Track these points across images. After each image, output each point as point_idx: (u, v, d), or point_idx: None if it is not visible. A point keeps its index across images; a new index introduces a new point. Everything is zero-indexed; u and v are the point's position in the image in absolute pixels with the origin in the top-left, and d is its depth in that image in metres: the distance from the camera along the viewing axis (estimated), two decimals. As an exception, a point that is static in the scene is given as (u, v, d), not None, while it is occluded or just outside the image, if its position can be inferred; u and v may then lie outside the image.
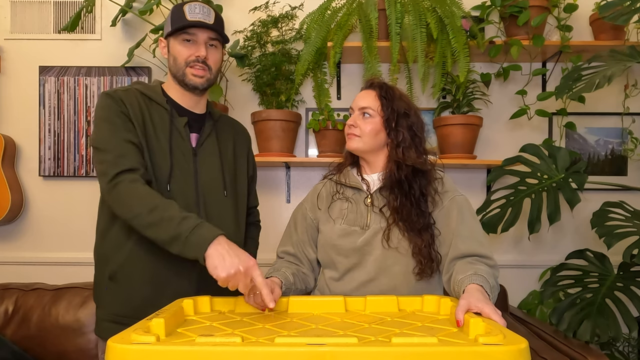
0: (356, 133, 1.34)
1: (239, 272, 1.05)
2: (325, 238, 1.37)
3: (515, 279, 2.32)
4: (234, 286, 1.07)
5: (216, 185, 1.39)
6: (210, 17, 1.32)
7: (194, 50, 1.32)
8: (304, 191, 2.32)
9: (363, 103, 1.35)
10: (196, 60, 1.32)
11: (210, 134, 1.42)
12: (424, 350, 0.74)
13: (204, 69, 1.33)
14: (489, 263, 1.20)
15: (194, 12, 1.30)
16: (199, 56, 1.31)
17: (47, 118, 2.36)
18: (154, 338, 0.80)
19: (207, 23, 1.31)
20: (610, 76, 1.62)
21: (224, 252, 1.08)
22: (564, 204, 1.83)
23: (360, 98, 1.37)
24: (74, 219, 2.38)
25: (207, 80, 1.35)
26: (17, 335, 1.91)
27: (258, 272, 1.07)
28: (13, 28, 2.40)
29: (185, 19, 1.30)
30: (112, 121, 1.26)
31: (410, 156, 1.31)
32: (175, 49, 1.33)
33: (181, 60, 1.33)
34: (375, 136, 1.33)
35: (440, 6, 2.04)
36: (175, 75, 1.35)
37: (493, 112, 2.38)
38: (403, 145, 1.32)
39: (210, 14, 1.33)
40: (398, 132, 1.33)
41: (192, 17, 1.30)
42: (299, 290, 1.36)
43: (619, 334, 1.61)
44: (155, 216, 1.15)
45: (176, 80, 1.36)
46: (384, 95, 1.34)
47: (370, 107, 1.33)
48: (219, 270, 1.05)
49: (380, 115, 1.33)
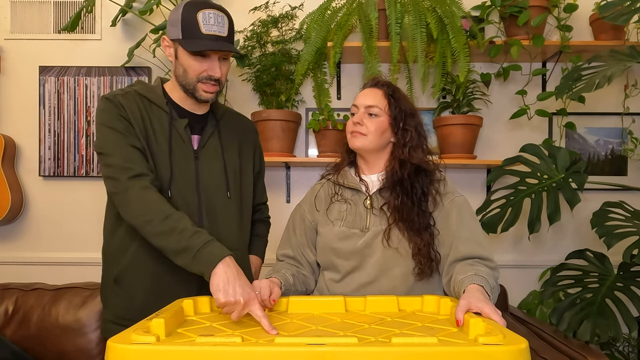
0: (362, 131, 1.31)
1: (238, 303, 1.03)
2: (324, 240, 1.37)
3: (515, 279, 2.32)
4: (228, 312, 1.06)
5: (219, 187, 1.36)
6: (224, 28, 1.24)
7: (207, 66, 1.25)
8: (303, 191, 2.31)
9: (370, 101, 1.32)
10: (209, 77, 1.27)
11: (213, 134, 1.38)
12: (424, 350, 0.74)
13: (215, 85, 1.29)
14: (489, 265, 1.20)
15: (208, 24, 1.22)
16: (212, 75, 1.26)
17: (47, 118, 2.36)
18: (154, 338, 0.80)
19: (222, 37, 1.23)
20: (610, 76, 1.62)
21: (231, 276, 1.06)
22: (564, 204, 1.83)
23: (366, 96, 1.34)
24: (74, 219, 2.38)
25: (217, 94, 1.32)
26: (17, 335, 1.91)
27: (257, 305, 1.04)
28: (13, 28, 2.40)
29: (200, 32, 1.21)
30: (114, 126, 1.25)
31: (417, 155, 1.31)
32: (186, 62, 1.26)
33: (193, 74, 1.27)
34: (381, 135, 1.32)
35: (440, 6, 2.04)
36: (183, 86, 1.30)
37: (493, 112, 2.38)
38: (410, 144, 1.31)
39: (224, 23, 1.24)
40: (406, 132, 1.32)
41: (207, 30, 1.21)
42: (299, 291, 1.35)
43: (619, 334, 1.61)
44: (168, 225, 1.15)
45: (183, 89, 1.31)
46: (391, 94, 1.33)
47: (377, 105, 1.32)
48: (221, 294, 1.04)
49: (387, 115, 1.32)
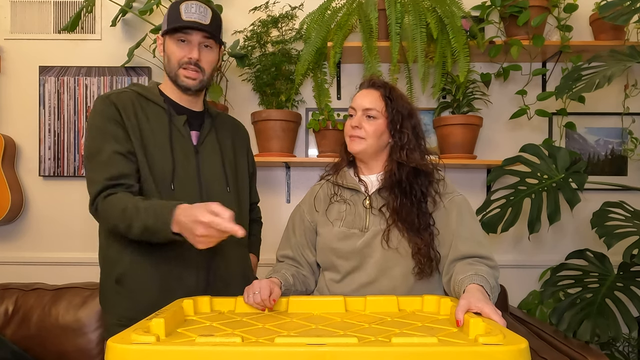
0: (361, 135, 1.31)
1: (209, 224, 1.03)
2: (324, 241, 1.37)
3: (515, 279, 2.32)
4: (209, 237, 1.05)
5: (219, 181, 1.39)
6: (206, 18, 1.30)
7: (187, 51, 1.31)
8: (303, 191, 2.31)
9: (367, 104, 1.31)
10: (189, 62, 1.31)
11: (210, 130, 1.42)
12: (424, 350, 0.74)
13: (196, 70, 1.32)
14: (489, 264, 1.20)
15: (189, 12, 1.28)
16: (191, 58, 1.30)
17: (47, 118, 2.36)
18: (154, 338, 0.80)
19: (202, 24, 1.29)
20: (610, 76, 1.62)
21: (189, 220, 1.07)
22: (564, 204, 1.82)
23: (363, 98, 1.33)
24: (74, 219, 2.38)
25: (200, 82, 1.34)
26: (17, 335, 1.91)
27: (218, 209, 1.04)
28: (13, 28, 2.40)
29: (181, 19, 1.28)
30: (102, 129, 1.27)
31: (415, 158, 1.30)
32: (170, 49, 1.33)
33: (174, 60, 1.32)
34: (379, 138, 1.32)
35: (440, 6, 2.03)
36: (169, 75, 1.36)
37: (493, 112, 2.38)
38: (407, 147, 1.30)
39: (206, 13, 1.31)
40: (403, 134, 1.31)
41: (188, 17, 1.28)
42: (299, 292, 1.35)
43: (619, 334, 1.61)
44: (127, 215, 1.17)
45: (170, 80, 1.36)
46: (388, 95, 1.32)
47: (375, 108, 1.31)
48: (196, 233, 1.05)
49: (385, 117, 1.31)
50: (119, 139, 1.26)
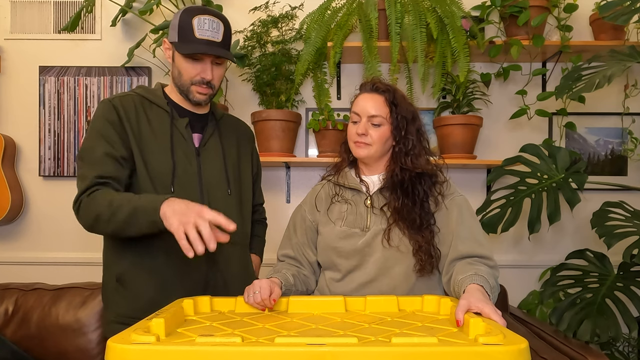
0: (367, 141, 1.31)
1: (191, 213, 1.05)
2: (325, 240, 1.37)
3: (515, 279, 2.32)
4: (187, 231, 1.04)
5: (220, 184, 1.39)
6: (218, 34, 1.28)
7: (200, 70, 1.29)
8: (304, 191, 2.32)
9: (372, 111, 1.30)
10: (201, 81, 1.30)
11: (214, 133, 1.42)
12: (424, 350, 0.74)
13: (207, 88, 1.33)
14: (489, 264, 1.20)
15: (202, 29, 1.25)
16: (204, 78, 1.30)
17: (47, 118, 2.36)
18: (154, 338, 0.80)
19: (215, 42, 1.27)
20: (610, 76, 1.62)
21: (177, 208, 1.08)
22: (564, 204, 1.83)
23: (368, 103, 1.32)
24: (74, 219, 2.35)
25: (210, 96, 1.36)
26: (17, 335, 1.91)
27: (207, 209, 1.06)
28: (13, 28, 2.40)
29: (193, 36, 1.25)
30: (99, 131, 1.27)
31: (420, 163, 1.31)
32: (181, 65, 1.30)
33: (186, 77, 1.31)
34: (384, 143, 1.32)
35: (440, 6, 2.03)
36: (178, 87, 1.35)
37: (493, 112, 2.38)
38: (412, 153, 1.31)
39: (219, 29, 1.28)
40: (407, 140, 1.31)
41: (201, 35, 1.25)
42: (299, 291, 1.35)
43: (619, 334, 1.61)
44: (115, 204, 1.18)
45: (179, 91, 1.36)
46: (392, 100, 1.31)
47: (380, 115, 1.30)
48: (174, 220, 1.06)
49: (389, 123, 1.31)
50: (113, 143, 1.27)
